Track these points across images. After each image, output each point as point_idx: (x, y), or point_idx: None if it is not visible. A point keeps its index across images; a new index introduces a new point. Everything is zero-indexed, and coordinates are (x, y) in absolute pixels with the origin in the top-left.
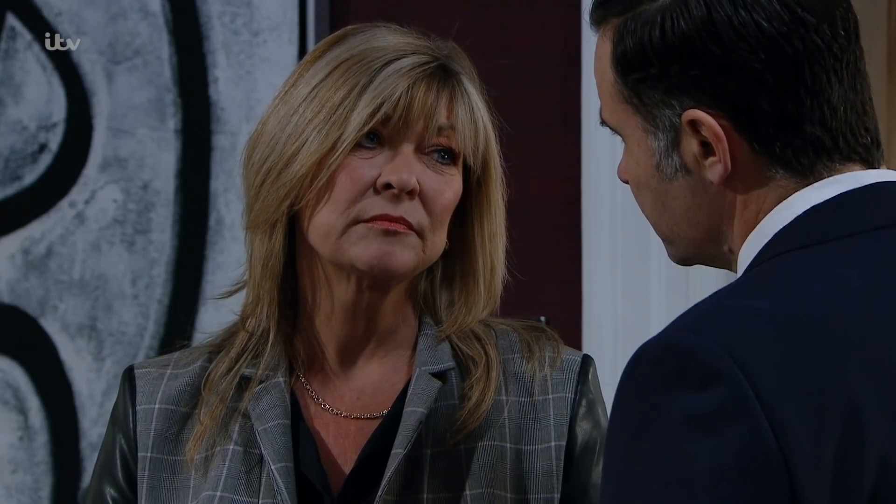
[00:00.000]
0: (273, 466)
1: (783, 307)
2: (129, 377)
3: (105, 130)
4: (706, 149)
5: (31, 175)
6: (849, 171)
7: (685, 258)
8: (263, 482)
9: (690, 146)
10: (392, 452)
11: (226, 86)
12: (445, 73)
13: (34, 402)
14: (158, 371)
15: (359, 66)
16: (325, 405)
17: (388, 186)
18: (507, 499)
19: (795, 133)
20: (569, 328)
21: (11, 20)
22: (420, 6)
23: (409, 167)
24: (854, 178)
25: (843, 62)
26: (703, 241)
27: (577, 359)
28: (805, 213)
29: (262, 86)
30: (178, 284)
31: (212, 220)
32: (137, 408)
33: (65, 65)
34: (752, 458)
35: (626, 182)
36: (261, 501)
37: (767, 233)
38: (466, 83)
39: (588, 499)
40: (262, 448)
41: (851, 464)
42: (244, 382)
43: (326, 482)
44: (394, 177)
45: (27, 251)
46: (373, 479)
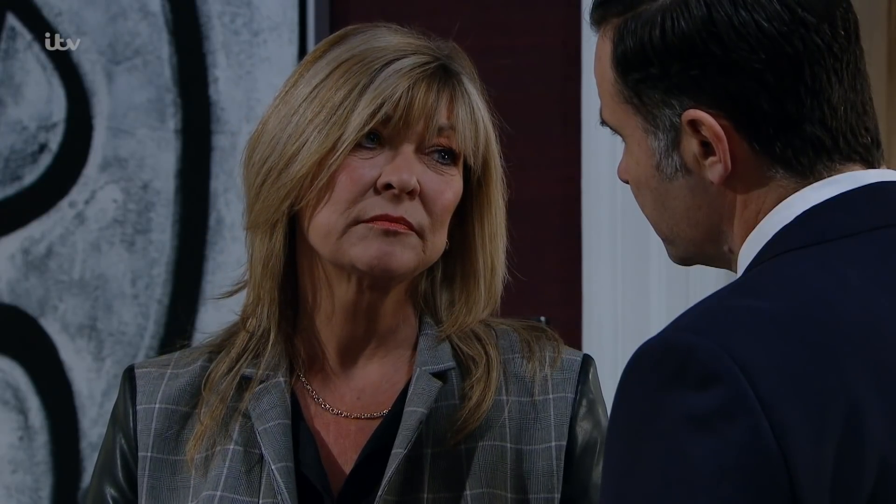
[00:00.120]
0: (273, 466)
1: (783, 307)
2: (130, 377)
3: (105, 130)
4: (706, 149)
5: (31, 175)
6: (849, 171)
7: (685, 258)
8: (264, 482)
9: (690, 146)
10: (392, 452)
11: (226, 86)
12: (446, 74)
13: (34, 402)
14: (159, 371)
15: (359, 67)
16: (326, 405)
17: (389, 187)
18: (508, 499)
19: (795, 133)
20: (569, 328)
21: (11, 20)
22: (420, 6)
23: (410, 167)
24: (854, 178)
25: (844, 62)
26: (703, 241)
27: (578, 359)
28: (805, 213)
29: (262, 86)
30: (178, 284)
31: (212, 220)
32: (138, 407)
33: (65, 65)
34: (752, 458)
35: (627, 182)
36: (261, 501)
37: (767, 233)
38: (467, 83)
39: (588, 499)
40: (263, 448)
41: (851, 463)
42: (244, 382)
43: (327, 482)
44: (394, 177)
45: (27, 251)
46: (373, 479)
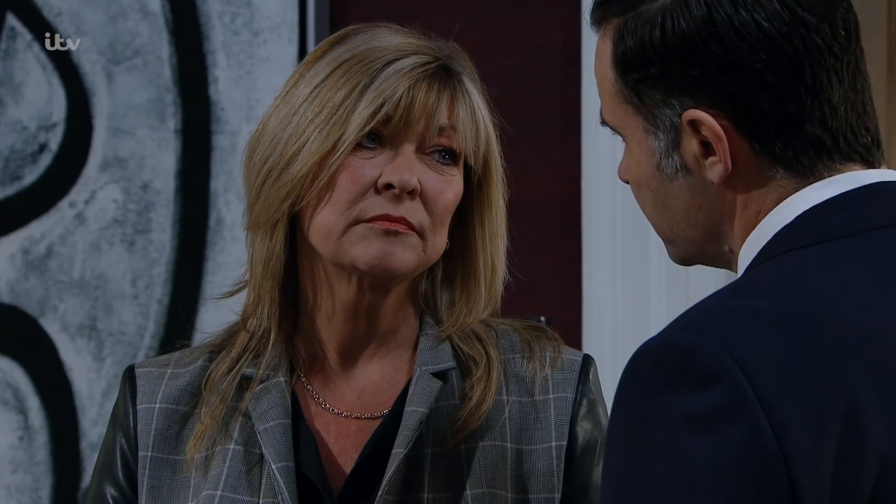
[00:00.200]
0: (274, 466)
1: (783, 307)
2: (130, 376)
3: (105, 130)
4: (706, 149)
5: (31, 175)
6: (849, 171)
7: (685, 258)
8: (264, 481)
9: (691, 146)
10: (392, 452)
11: (226, 86)
12: (446, 74)
13: (34, 402)
14: (159, 370)
15: (360, 67)
16: (326, 405)
17: (390, 186)
18: (508, 499)
19: (796, 133)
20: (569, 328)
21: (11, 20)
22: (420, 6)
23: (411, 167)
24: (854, 178)
25: (844, 62)
26: (704, 241)
27: (578, 359)
28: (805, 213)
29: (262, 86)
30: (178, 284)
31: (212, 220)
32: (138, 407)
33: (65, 65)
34: (752, 458)
35: (627, 182)
36: (261, 501)
37: (767, 233)
38: (467, 83)
39: (589, 499)
40: (263, 447)
41: (851, 463)
42: (245, 382)
43: (327, 482)
44: (395, 177)
45: (27, 251)
46: (373, 479)
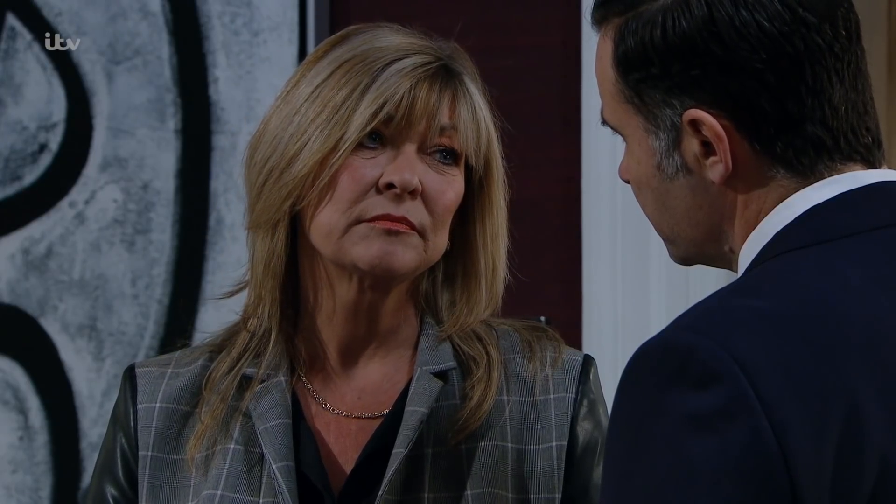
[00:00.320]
0: (274, 465)
1: (783, 307)
2: (130, 376)
3: (105, 130)
4: (707, 148)
5: (31, 175)
6: (850, 171)
7: (686, 258)
8: (264, 481)
9: (691, 146)
10: (393, 452)
11: (226, 86)
12: (448, 74)
13: (34, 402)
14: (159, 370)
15: (361, 66)
16: (327, 405)
17: (391, 186)
18: (509, 499)
19: (796, 133)
20: (569, 328)
21: (11, 20)
22: (420, 6)
23: (412, 167)
24: (855, 178)
25: (845, 62)
26: (704, 241)
27: (579, 359)
28: (806, 213)
29: (262, 86)
30: (178, 284)
31: (212, 220)
32: (138, 406)
33: (65, 65)
34: (753, 458)
35: (628, 182)
36: (262, 500)
37: (768, 233)
38: (468, 83)
39: (589, 499)
40: (263, 447)
41: (851, 463)
42: (245, 382)
43: (327, 481)
44: (396, 176)
45: (27, 251)
46: (374, 479)
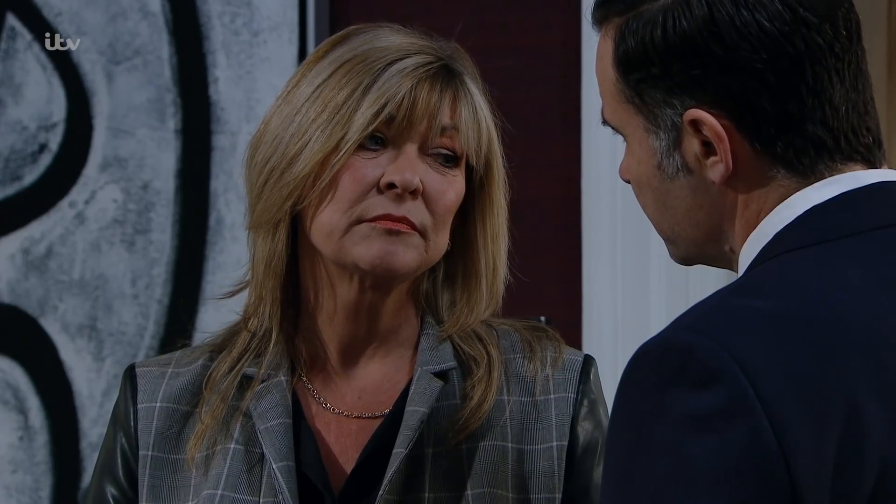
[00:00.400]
0: (274, 465)
1: (784, 307)
2: (131, 376)
3: (105, 130)
4: (707, 148)
5: (31, 175)
6: (850, 171)
7: (687, 258)
8: (264, 481)
9: (692, 146)
10: (393, 452)
11: (226, 86)
12: (449, 74)
13: (34, 402)
14: (160, 370)
15: (362, 66)
16: (327, 404)
17: (392, 186)
18: (509, 498)
19: (797, 133)
20: (569, 328)
21: (11, 20)
22: (420, 6)
23: (413, 167)
24: (855, 178)
25: (845, 62)
26: (705, 241)
27: (579, 359)
28: (806, 213)
29: (262, 86)
30: (178, 284)
31: (212, 220)
32: (139, 406)
33: (65, 65)
34: (753, 458)
35: (628, 182)
36: (262, 500)
37: (768, 232)
38: (469, 83)
39: (590, 499)
40: (264, 447)
41: (852, 463)
42: (246, 381)
43: (327, 481)
44: (397, 176)
45: (27, 251)
46: (374, 479)
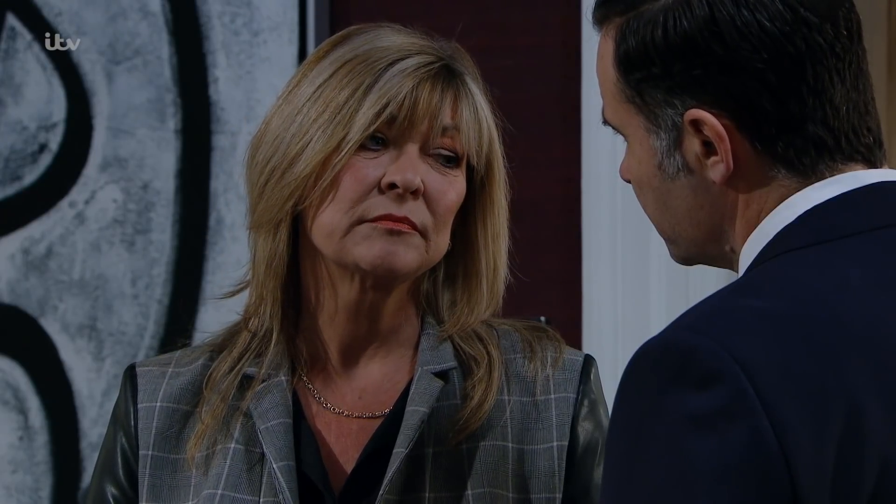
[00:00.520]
0: (275, 465)
1: (784, 307)
2: (131, 375)
3: (105, 130)
4: (708, 148)
5: (31, 175)
6: (851, 171)
7: (687, 258)
8: (265, 481)
9: (692, 146)
10: (394, 452)
11: (226, 86)
12: (450, 74)
13: (34, 402)
14: (160, 369)
15: (363, 66)
16: (327, 404)
17: (393, 186)
18: (509, 498)
19: (798, 133)
20: (569, 328)
21: (11, 20)
22: (420, 6)
23: (414, 167)
24: (856, 178)
25: (846, 62)
26: (705, 241)
27: (579, 359)
28: (806, 213)
29: (262, 86)
30: (178, 284)
31: (212, 220)
32: (139, 406)
33: (65, 65)
34: (753, 458)
35: (629, 181)
36: (262, 500)
37: (769, 232)
38: (470, 83)
39: (590, 499)
40: (264, 446)
41: (852, 463)
42: (246, 381)
43: (328, 481)
44: (398, 176)
45: (27, 251)
46: (374, 479)
